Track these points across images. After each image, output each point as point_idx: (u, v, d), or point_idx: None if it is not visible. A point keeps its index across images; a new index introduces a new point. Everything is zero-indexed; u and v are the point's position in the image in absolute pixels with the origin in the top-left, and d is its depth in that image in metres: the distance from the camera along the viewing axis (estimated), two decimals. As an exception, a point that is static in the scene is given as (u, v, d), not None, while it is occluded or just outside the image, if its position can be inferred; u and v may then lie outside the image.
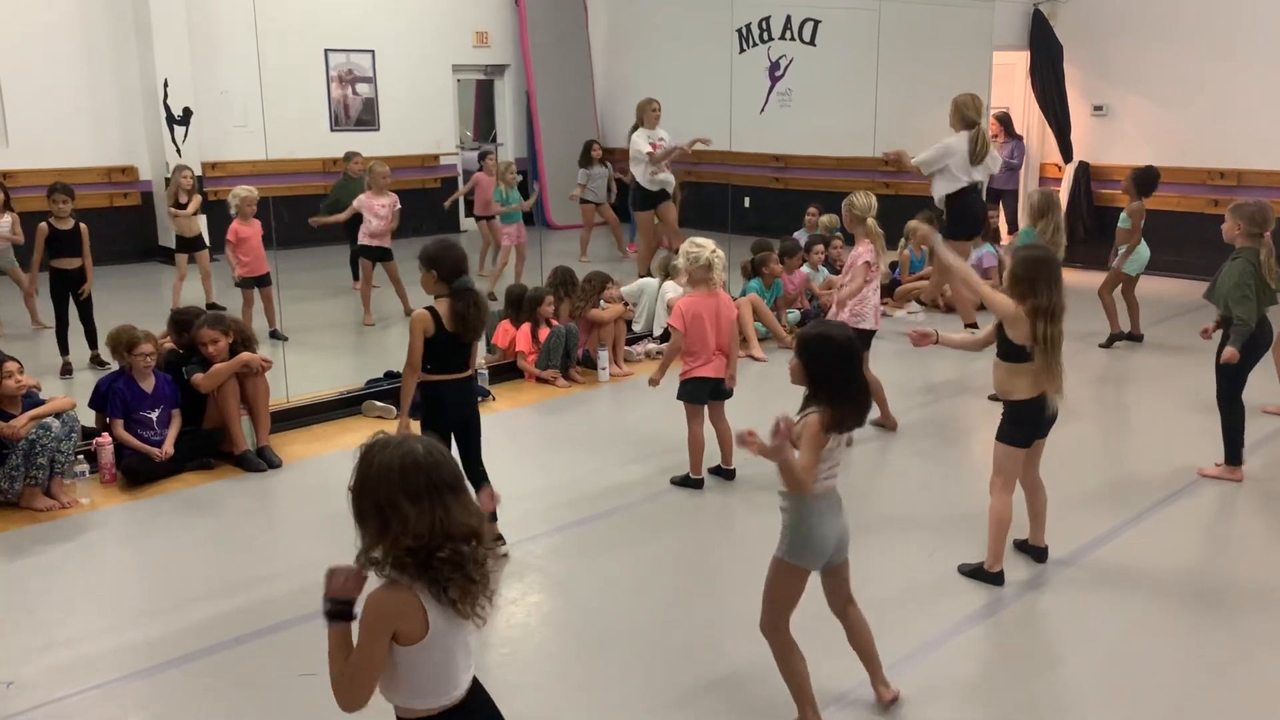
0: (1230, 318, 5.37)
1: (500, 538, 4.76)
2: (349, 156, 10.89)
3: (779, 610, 3.30)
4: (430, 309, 4.48)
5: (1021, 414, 4.35)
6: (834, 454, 3.26)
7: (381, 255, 9.38)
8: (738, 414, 5.42)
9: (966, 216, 8.56)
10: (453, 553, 2.11)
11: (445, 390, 4.56)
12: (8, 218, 8.60)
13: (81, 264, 7.82)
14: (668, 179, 10.41)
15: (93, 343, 7.81)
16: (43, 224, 7.82)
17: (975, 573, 4.49)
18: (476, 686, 2.32)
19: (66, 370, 7.66)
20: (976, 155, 8.40)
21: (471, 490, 2.24)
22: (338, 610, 2.18)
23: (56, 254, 7.80)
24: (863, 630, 3.52)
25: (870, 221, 6.15)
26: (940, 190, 8.58)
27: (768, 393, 7.08)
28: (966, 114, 8.37)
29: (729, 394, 5.55)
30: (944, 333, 4.53)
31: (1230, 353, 5.31)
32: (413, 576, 2.13)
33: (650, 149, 10.11)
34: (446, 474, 2.16)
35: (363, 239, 9.42)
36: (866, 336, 6.29)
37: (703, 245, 5.21)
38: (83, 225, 7.89)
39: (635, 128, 10.34)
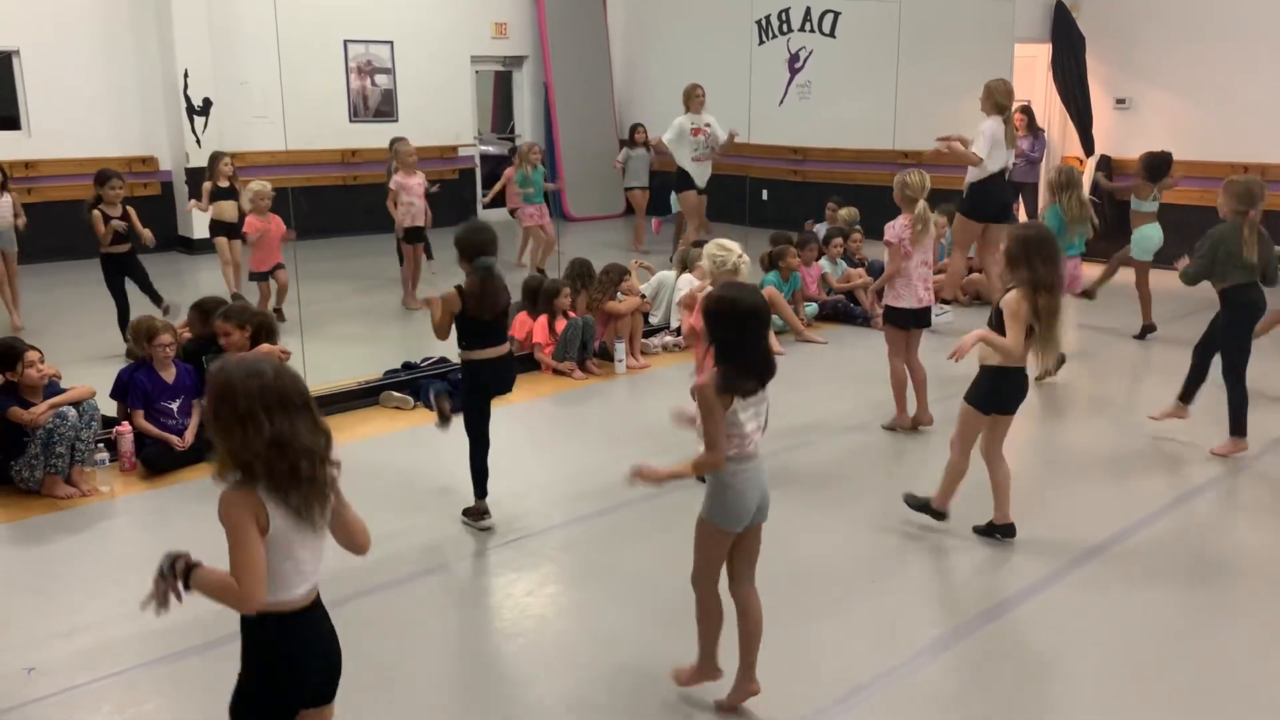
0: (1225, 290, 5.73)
1: (486, 512, 4.91)
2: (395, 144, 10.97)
3: (707, 567, 3.42)
4: (459, 287, 4.70)
5: (994, 380, 4.52)
6: (744, 417, 3.22)
7: (419, 236, 9.59)
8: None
9: (989, 200, 8.39)
10: (292, 466, 2.34)
11: (483, 368, 4.83)
12: (7, 198, 8.61)
13: (132, 247, 7.99)
14: (704, 170, 10.40)
15: (157, 302, 8.00)
16: (95, 211, 7.87)
17: (923, 507, 4.80)
18: (317, 603, 2.52)
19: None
20: (1008, 139, 8.28)
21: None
22: (186, 568, 2.40)
23: (108, 241, 7.91)
24: (754, 617, 3.45)
25: (920, 205, 6.10)
26: (978, 175, 8.32)
27: (781, 385, 7.05)
28: (998, 99, 8.28)
29: None
30: (984, 331, 4.53)
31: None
32: (256, 482, 2.34)
33: (692, 132, 10.13)
34: (293, 393, 2.38)
35: (401, 223, 9.56)
36: (910, 315, 6.21)
37: (729, 249, 5.16)
38: (130, 208, 8.02)
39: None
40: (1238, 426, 5.80)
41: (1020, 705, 3.60)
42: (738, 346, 3.19)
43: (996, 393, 4.56)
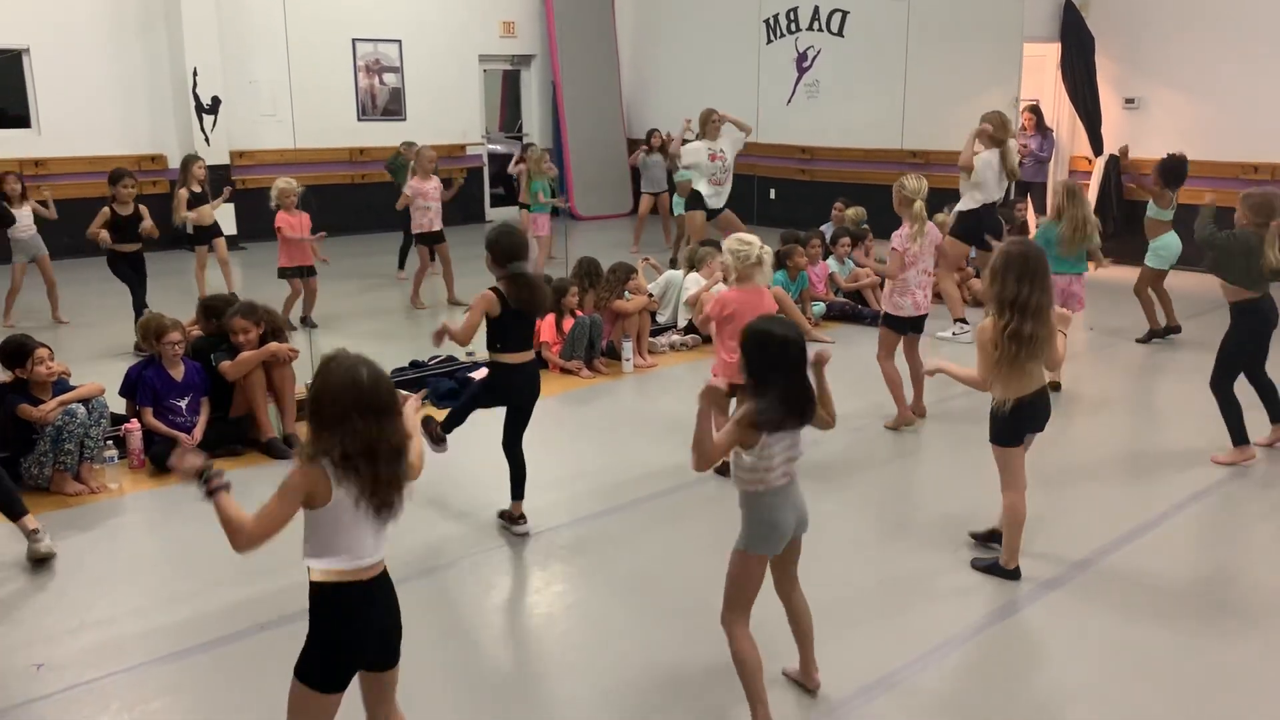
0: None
1: (522, 517, 4.90)
2: (408, 146, 10.98)
3: (738, 599, 3.29)
4: (495, 289, 4.68)
5: (1000, 413, 4.31)
6: (775, 451, 3.17)
7: (436, 239, 9.63)
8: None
9: (981, 228, 8.49)
10: (374, 468, 2.54)
11: (514, 373, 4.79)
12: (27, 208, 8.69)
13: (141, 247, 8.01)
14: (721, 193, 10.28)
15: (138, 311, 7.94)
16: (105, 208, 7.91)
17: (991, 568, 4.48)
18: (379, 580, 2.69)
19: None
20: (1009, 172, 8.41)
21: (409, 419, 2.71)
22: (216, 486, 2.55)
23: (119, 239, 7.94)
24: (804, 615, 3.53)
25: (917, 205, 6.10)
26: (970, 204, 8.52)
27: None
28: (995, 134, 8.34)
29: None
30: (945, 364, 4.45)
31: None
32: (335, 466, 2.52)
33: (710, 158, 9.98)
34: (385, 396, 2.58)
35: (417, 228, 9.56)
36: (907, 323, 6.24)
37: (750, 243, 5.15)
38: (142, 207, 8.06)
39: (698, 137, 10.27)
40: (1239, 435, 5.71)
41: (1024, 708, 3.59)
42: (770, 381, 3.12)
43: (1016, 423, 4.33)
